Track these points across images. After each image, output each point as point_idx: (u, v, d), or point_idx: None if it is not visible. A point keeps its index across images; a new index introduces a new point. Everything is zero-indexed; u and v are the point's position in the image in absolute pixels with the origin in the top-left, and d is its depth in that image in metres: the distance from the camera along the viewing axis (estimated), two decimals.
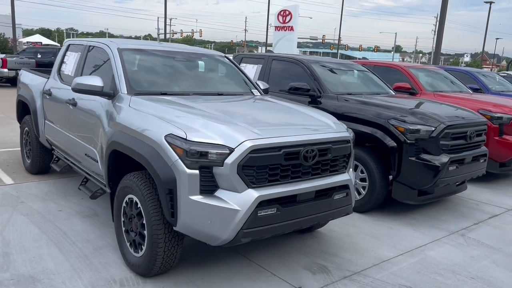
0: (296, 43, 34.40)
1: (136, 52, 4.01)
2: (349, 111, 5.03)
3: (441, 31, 16.12)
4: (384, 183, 4.70)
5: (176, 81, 3.94)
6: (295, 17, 32.36)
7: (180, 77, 4.03)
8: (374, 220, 4.70)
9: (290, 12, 31.99)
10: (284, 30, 32.29)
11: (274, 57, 6.22)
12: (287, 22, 32.27)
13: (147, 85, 3.73)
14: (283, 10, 32.41)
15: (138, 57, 3.98)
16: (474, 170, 5.01)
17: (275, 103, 3.92)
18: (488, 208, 5.38)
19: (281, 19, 32.49)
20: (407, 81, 7.41)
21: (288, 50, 29.79)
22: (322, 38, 70.48)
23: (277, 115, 3.52)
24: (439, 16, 15.91)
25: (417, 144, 4.52)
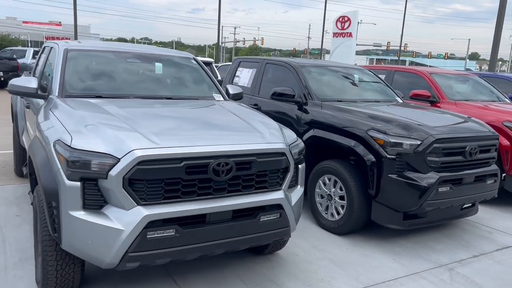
0: (354, 50, 33.41)
1: (84, 53, 3.83)
2: (329, 120, 4.49)
3: (498, 36, 14.64)
4: (364, 202, 4.11)
5: (118, 83, 3.69)
6: (354, 23, 31.44)
7: (126, 80, 3.78)
8: (350, 245, 4.12)
9: (349, 18, 31.14)
10: (342, 37, 31.46)
11: (268, 61, 5.81)
12: (346, 28, 31.44)
13: (82, 87, 3.52)
14: (342, 16, 31.64)
15: (85, 59, 3.80)
16: (478, 193, 4.24)
17: (222, 109, 3.53)
18: (502, 238, 4.55)
19: (339, 26, 31.72)
20: (428, 88, 6.63)
21: (347, 56, 29.00)
22: (387, 45, 67.98)
23: (204, 122, 3.12)
24: (496, 22, 14.48)
25: (399, 159, 3.89)
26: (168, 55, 4.27)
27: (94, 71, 3.75)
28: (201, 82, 4.17)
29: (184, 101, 3.72)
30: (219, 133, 2.88)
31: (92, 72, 3.74)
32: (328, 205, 4.43)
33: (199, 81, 4.17)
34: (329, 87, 5.27)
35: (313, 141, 4.61)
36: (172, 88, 3.95)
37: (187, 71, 4.27)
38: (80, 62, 3.72)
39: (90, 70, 3.75)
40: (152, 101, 3.53)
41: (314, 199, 4.58)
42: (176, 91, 3.94)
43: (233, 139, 2.77)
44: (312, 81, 5.16)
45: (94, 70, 3.76)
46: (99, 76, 3.70)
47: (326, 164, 4.42)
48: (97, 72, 3.74)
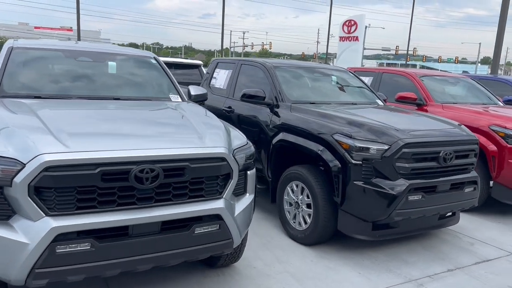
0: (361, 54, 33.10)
1: (30, 52, 3.63)
2: (297, 123, 4.23)
3: (500, 40, 14.23)
4: (331, 211, 3.83)
5: (63, 83, 3.48)
6: (360, 27, 31.22)
7: (71, 79, 3.57)
8: (316, 257, 3.84)
9: (355, 22, 30.91)
10: (349, 41, 31.22)
11: (243, 62, 5.57)
12: (352, 32, 31.20)
13: (22, 87, 3.32)
14: (348, 20, 31.41)
15: (31, 57, 3.60)
16: (455, 202, 3.93)
17: (169, 111, 3.30)
18: (483, 250, 4.23)
19: (346, 29, 31.50)
20: (415, 91, 6.33)
21: (353, 61, 28.69)
22: (396, 49, 67.27)
23: (138, 125, 2.87)
24: (498, 27, 14.08)
25: (366, 165, 3.61)
26: (125, 54, 4.06)
27: (38, 70, 3.55)
28: (158, 83, 3.95)
29: (132, 102, 3.49)
30: (149, 136, 2.64)
31: (36, 71, 3.54)
32: (296, 214, 4.16)
33: (156, 82, 3.95)
34: (304, 89, 5.01)
35: (281, 145, 4.35)
36: (123, 89, 3.73)
37: (145, 71, 4.05)
38: (24, 61, 3.52)
39: (34, 69, 3.55)
40: (95, 102, 3.31)
41: (283, 206, 4.32)
42: (126, 91, 3.72)
43: (163, 143, 2.53)
44: (286, 82, 4.91)
45: (39, 69, 3.56)
46: (43, 76, 3.50)
47: (294, 169, 4.16)
48: (41, 71, 3.54)
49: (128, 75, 3.93)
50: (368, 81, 7.31)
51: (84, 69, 3.71)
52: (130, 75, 3.93)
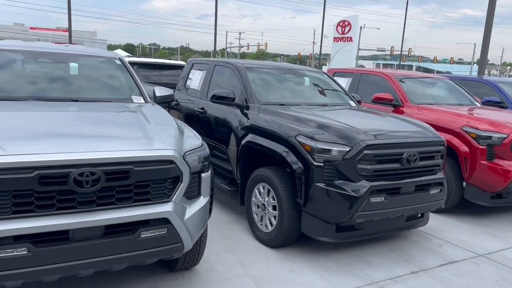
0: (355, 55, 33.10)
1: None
2: (263, 124, 4.21)
3: (487, 41, 14.27)
4: (295, 213, 3.81)
5: (17, 84, 3.44)
6: (354, 28, 31.17)
7: (27, 81, 3.53)
8: (280, 259, 3.82)
9: (349, 23, 30.87)
10: (343, 41, 31.19)
11: (216, 63, 5.54)
12: (346, 33, 31.15)
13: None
14: (342, 20, 31.37)
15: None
16: (420, 203, 3.91)
17: (125, 113, 3.27)
18: (451, 252, 4.21)
19: (340, 30, 31.46)
20: (392, 92, 6.32)
21: (347, 61, 28.71)
22: (391, 50, 67.43)
23: (86, 127, 2.84)
24: (484, 29, 14.11)
25: (328, 167, 3.59)
26: (89, 55, 4.02)
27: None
28: (121, 84, 3.91)
29: (88, 104, 3.45)
30: (93, 139, 2.60)
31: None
32: (263, 216, 4.13)
33: (119, 83, 3.91)
34: (275, 90, 4.98)
35: (249, 147, 4.33)
36: (82, 90, 3.69)
37: (108, 72, 4.01)
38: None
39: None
40: (48, 104, 3.27)
41: (251, 208, 4.30)
42: (86, 93, 3.68)
43: (106, 145, 2.49)
44: (257, 83, 4.88)
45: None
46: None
47: (261, 171, 4.13)
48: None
49: (89, 76, 3.89)
50: (348, 82, 7.31)
51: (43, 70, 3.67)
52: (92, 76, 3.90)
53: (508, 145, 4.95)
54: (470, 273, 3.75)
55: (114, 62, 4.11)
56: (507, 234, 4.79)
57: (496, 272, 3.80)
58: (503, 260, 4.07)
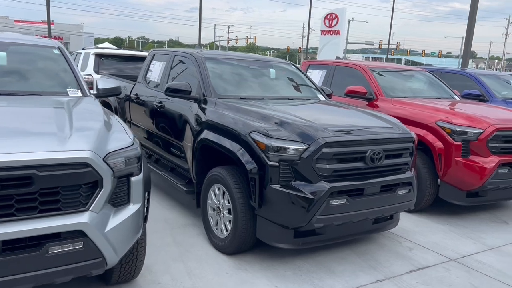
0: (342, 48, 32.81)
1: None
2: (219, 120, 3.85)
3: (471, 33, 14.03)
4: (250, 217, 3.47)
5: None
6: (341, 21, 30.87)
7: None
8: (234, 268, 3.49)
9: (336, 16, 30.55)
10: (330, 34, 30.86)
11: (176, 53, 5.15)
12: (334, 26, 30.84)
13: None
14: (330, 13, 31.03)
15: None
16: (387, 205, 3.60)
17: (48, 109, 2.88)
18: (422, 256, 3.92)
19: (327, 23, 31.13)
20: (366, 85, 6.00)
21: (335, 54, 28.39)
22: (379, 43, 67.29)
23: None
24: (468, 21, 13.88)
25: (284, 167, 3.25)
26: (22, 43, 3.61)
27: None
28: (57, 76, 3.53)
29: (9, 98, 3.05)
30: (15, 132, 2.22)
31: None
32: (218, 220, 3.79)
33: (54, 75, 3.52)
34: (236, 83, 4.62)
35: (204, 145, 3.97)
36: (8, 82, 3.29)
37: (43, 62, 3.62)
38: None
39: None
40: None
41: (207, 212, 3.95)
42: (12, 85, 3.28)
43: (4, 146, 2.11)
44: (217, 75, 4.52)
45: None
46: None
47: (215, 171, 3.78)
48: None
49: (19, 67, 3.49)
50: (322, 75, 6.98)
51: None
52: (22, 67, 3.50)
53: (484, 140, 4.66)
54: (439, 281, 3.46)
55: (52, 52, 3.71)
56: (482, 235, 4.52)
57: (467, 279, 3.51)
58: (475, 265, 3.79)
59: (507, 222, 5.02)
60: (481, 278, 3.54)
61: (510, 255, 4.04)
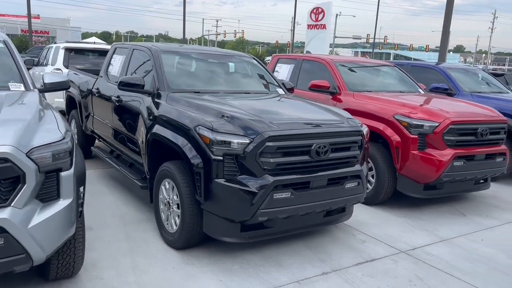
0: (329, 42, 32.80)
1: None
2: (170, 114, 3.82)
3: (447, 27, 14.15)
4: (197, 212, 3.46)
5: None
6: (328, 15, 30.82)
7: None
8: (181, 263, 3.48)
9: (322, 10, 30.48)
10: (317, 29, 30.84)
11: (135, 47, 5.09)
12: (320, 20, 30.77)
13: None
14: (316, 7, 30.94)
15: None
16: (335, 198, 3.61)
17: None
18: (373, 248, 3.95)
19: (313, 17, 31.05)
20: (330, 79, 6.01)
21: (321, 49, 28.39)
22: (366, 37, 67.45)
23: None
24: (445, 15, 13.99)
25: (228, 161, 3.25)
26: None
27: None
28: (0, 70, 3.44)
29: None
30: None
31: None
32: (168, 215, 3.77)
33: None
34: (192, 76, 4.59)
35: (154, 139, 3.94)
36: None
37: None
38: None
39: None
40: None
41: (158, 207, 3.93)
42: None
43: None
44: (172, 69, 4.50)
45: None
46: None
47: (165, 166, 3.76)
48: None
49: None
50: (290, 69, 6.98)
51: None
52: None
53: (440, 133, 4.71)
54: (385, 273, 3.50)
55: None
56: (438, 228, 4.57)
57: (413, 271, 3.55)
58: (424, 256, 3.84)
59: (465, 214, 5.09)
60: (427, 270, 3.59)
61: (460, 247, 4.10)
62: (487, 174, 5.13)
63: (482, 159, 4.99)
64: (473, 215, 5.04)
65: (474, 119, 4.97)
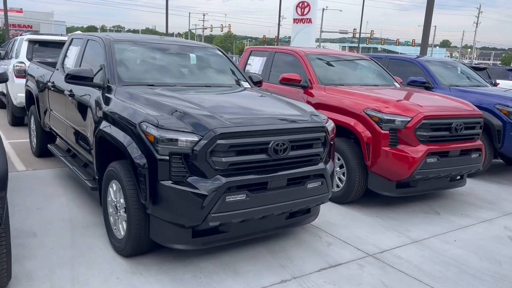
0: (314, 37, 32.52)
1: None
2: (116, 109, 3.50)
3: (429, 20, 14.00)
4: (144, 216, 3.16)
5: None
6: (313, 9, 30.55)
7: None
8: (127, 272, 3.18)
9: (308, 4, 30.20)
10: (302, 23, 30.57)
11: (89, 37, 4.74)
12: (306, 14, 30.50)
13: None
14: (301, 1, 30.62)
15: None
16: (296, 199, 3.34)
17: None
18: (339, 252, 3.70)
19: (299, 11, 30.76)
20: (302, 72, 5.74)
21: (307, 43, 28.13)
22: (353, 32, 67.29)
23: None
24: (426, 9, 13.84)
25: (175, 161, 2.95)
26: None
27: None
28: None
29: None
30: None
31: None
32: (116, 219, 3.47)
33: None
34: (147, 68, 4.27)
35: (101, 137, 3.62)
36: None
37: None
38: None
39: None
40: None
41: (107, 210, 3.62)
42: None
43: None
44: (124, 60, 4.17)
45: None
46: None
47: (111, 166, 3.45)
48: None
49: None
50: (263, 61, 6.69)
51: None
52: None
53: (412, 129, 4.48)
54: (348, 279, 3.25)
55: None
56: (410, 228, 4.35)
57: (378, 276, 3.31)
58: (392, 260, 3.60)
59: (439, 213, 4.88)
60: (394, 275, 3.35)
61: (431, 249, 3.88)
62: (462, 171, 4.93)
63: (456, 155, 4.79)
64: (448, 214, 4.83)
65: (448, 114, 4.75)
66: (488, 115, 6.20)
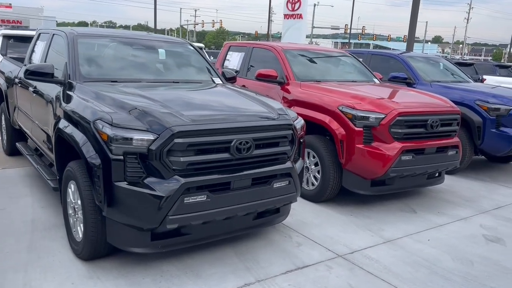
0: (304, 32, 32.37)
1: None
2: (73, 106, 3.36)
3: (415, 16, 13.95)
4: (101, 219, 3.02)
5: None
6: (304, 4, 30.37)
7: None
8: (84, 276, 3.05)
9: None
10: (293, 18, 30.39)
11: (54, 32, 4.55)
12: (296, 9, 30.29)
13: None
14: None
15: None
16: (262, 199, 3.22)
17: None
18: (308, 253, 3.60)
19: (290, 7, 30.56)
20: (278, 67, 5.61)
21: (298, 39, 27.94)
22: (345, 28, 67.19)
23: None
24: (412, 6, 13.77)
25: (130, 160, 2.82)
26: None
27: None
28: None
29: None
30: None
31: None
32: (74, 221, 3.33)
33: None
34: (110, 64, 4.11)
35: (59, 136, 3.47)
36: None
37: None
38: None
39: None
40: None
41: (67, 212, 3.47)
42: None
43: None
44: (88, 55, 4.01)
45: None
46: None
47: (69, 166, 3.30)
48: None
49: None
50: (241, 57, 6.56)
51: None
52: None
53: (387, 126, 4.38)
54: (314, 282, 3.14)
55: None
56: (383, 227, 4.26)
57: (346, 278, 3.22)
58: (362, 261, 3.51)
59: (416, 211, 4.80)
60: (362, 277, 3.26)
61: (403, 248, 3.79)
62: (438, 168, 4.85)
63: (433, 153, 4.70)
64: (424, 212, 4.76)
65: (423, 110, 4.66)
66: (468, 111, 6.14)
